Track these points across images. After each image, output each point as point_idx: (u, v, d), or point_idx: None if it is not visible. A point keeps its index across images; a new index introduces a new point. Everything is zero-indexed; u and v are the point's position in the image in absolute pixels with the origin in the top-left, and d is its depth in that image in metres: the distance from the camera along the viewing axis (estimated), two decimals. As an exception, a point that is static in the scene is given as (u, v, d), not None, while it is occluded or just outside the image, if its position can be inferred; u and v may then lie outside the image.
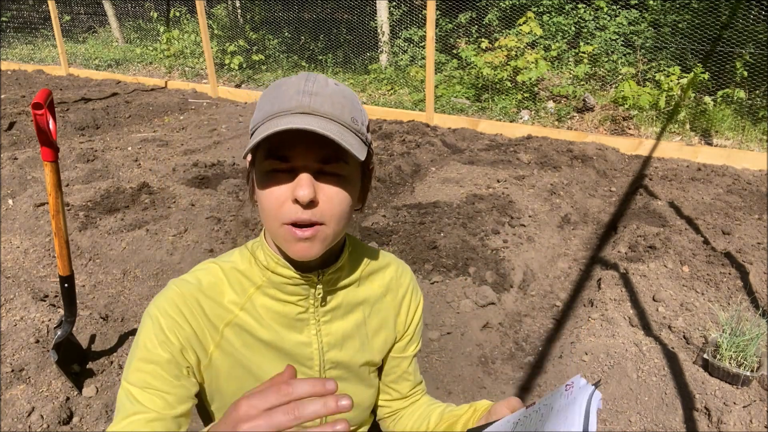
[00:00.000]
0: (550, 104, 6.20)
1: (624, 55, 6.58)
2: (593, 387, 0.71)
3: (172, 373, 0.83)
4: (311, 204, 0.77)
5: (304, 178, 0.76)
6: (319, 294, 0.90)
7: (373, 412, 1.12)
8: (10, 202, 3.90)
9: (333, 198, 0.79)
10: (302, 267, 0.87)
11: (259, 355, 0.89)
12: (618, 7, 6.69)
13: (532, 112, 6.12)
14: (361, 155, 0.77)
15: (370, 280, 0.99)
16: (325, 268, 0.89)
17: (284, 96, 0.77)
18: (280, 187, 0.78)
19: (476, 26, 7.64)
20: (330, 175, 0.79)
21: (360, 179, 0.86)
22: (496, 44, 6.53)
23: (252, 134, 0.80)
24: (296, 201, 0.77)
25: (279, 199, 0.78)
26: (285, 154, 0.77)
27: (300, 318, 0.91)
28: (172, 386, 0.83)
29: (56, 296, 2.83)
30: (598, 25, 6.76)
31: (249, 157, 0.85)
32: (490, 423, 0.90)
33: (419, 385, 1.13)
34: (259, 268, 0.89)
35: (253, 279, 0.89)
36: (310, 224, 0.78)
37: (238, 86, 8.07)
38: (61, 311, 2.59)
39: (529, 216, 3.63)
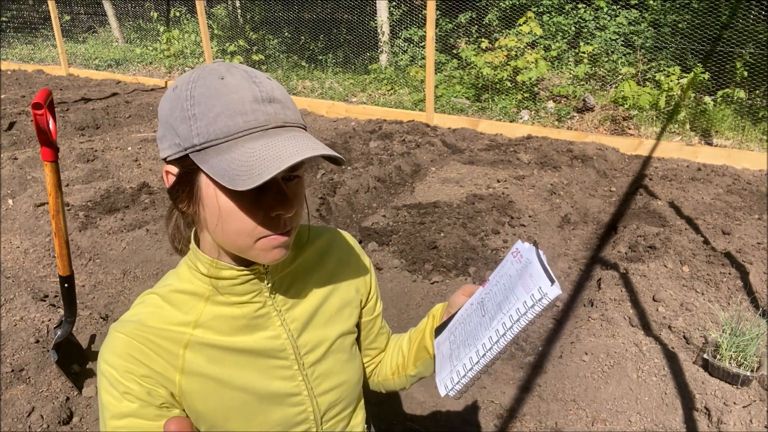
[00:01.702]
0: (550, 104, 6.20)
1: (624, 55, 6.59)
2: (533, 246, 0.78)
3: (150, 416, 0.79)
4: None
5: (283, 192, 0.75)
6: (269, 284, 0.88)
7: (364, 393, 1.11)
8: (10, 202, 3.90)
9: (300, 202, 0.80)
10: (244, 262, 0.84)
11: (231, 364, 0.86)
12: (618, 7, 6.70)
13: (532, 112, 6.12)
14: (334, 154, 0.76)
15: (313, 253, 0.98)
16: None
17: (242, 106, 0.71)
18: (250, 203, 0.75)
19: (476, 26, 7.64)
20: (292, 180, 0.78)
21: None
22: (496, 44, 6.54)
23: (203, 149, 0.72)
24: (277, 215, 0.75)
25: (254, 216, 0.75)
26: None
27: (260, 314, 0.88)
28: (157, 428, 0.79)
29: (56, 296, 2.83)
30: (598, 25, 6.77)
31: (172, 164, 0.77)
32: (454, 315, 0.93)
33: (389, 335, 1.17)
34: (202, 281, 0.85)
35: (199, 293, 0.85)
36: (286, 231, 0.78)
37: (238, 86, 8.07)
38: (61, 311, 2.60)
39: (529, 216, 3.63)
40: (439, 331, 0.95)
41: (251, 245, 0.78)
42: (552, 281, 0.71)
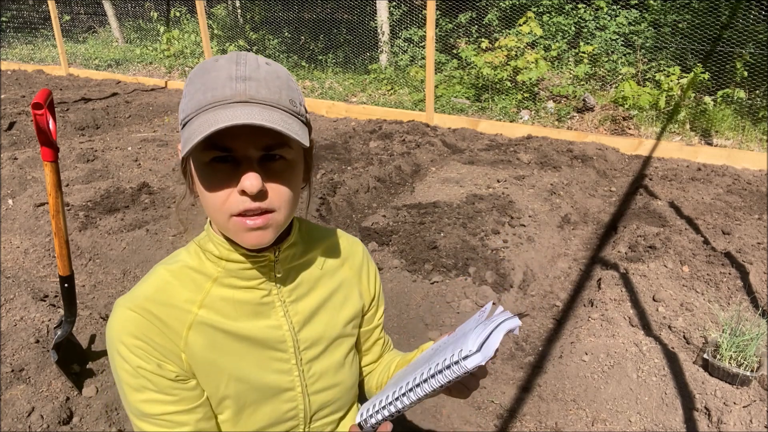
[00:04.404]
0: (550, 104, 6.20)
1: (624, 55, 6.58)
2: (512, 315, 0.73)
3: (167, 391, 0.81)
4: (260, 194, 0.75)
5: (250, 168, 0.74)
6: (278, 273, 0.88)
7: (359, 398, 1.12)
8: (10, 202, 3.90)
9: (280, 184, 0.78)
10: (255, 248, 0.85)
11: (230, 351, 0.86)
12: (618, 7, 6.70)
13: (532, 112, 6.12)
14: (305, 140, 0.75)
15: (324, 252, 0.99)
16: (278, 244, 0.88)
17: (216, 82, 0.73)
18: (223, 179, 0.76)
19: (476, 26, 7.64)
20: (274, 161, 0.77)
21: (303, 159, 0.85)
22: (496, 44, 6.54)
23: (184, 125, 0.76)
24: (243, 192, 0.75)
25: (224, 192, 0.76)
26: (226, 144, 0.74)
27: (265, 302, 0.88)
28: (174, 404, 0.81)
29: (56, 296, 2.83)
30: (598, 25, 6.77)
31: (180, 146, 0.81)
32: None
33: (387, 344, 1.16)
34: (212, 261, 0.86)
35: (208, 273, 0.86)
36: (261, 213, 0.77)
37: (238, 86, 8.06)
38: (61, 311, 2.59)
39: (529, 216, 3.62)
40: None
41: (226, 223, 0.78)
42: (479, 350, 0.67)
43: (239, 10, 10.26)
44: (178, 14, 10.10)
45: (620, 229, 3.58)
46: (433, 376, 0.71)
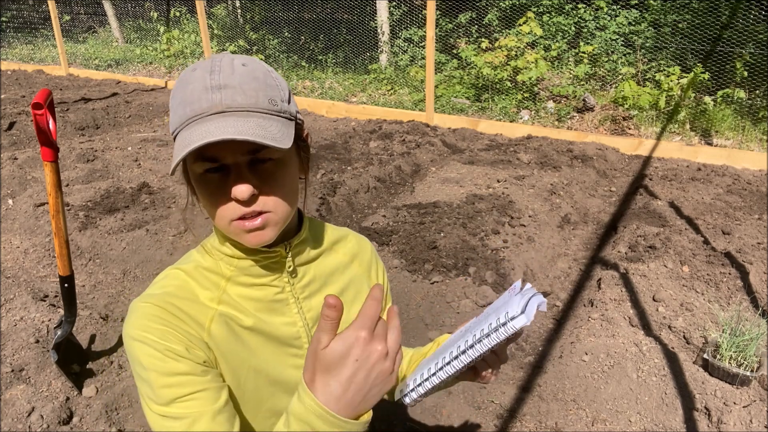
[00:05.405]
0: (550, 104, 6.20)
1: (624, 55, 6.58)
2: (537, 292, 0.79)
3: (197, 371, 0.80)
4: (252, 198, 0.77)
5: (240, 175, 0.76)
6: (289, 267, 0.90)
7: None
8: (10, 202, 3.90)
9: (272, 184, 0.79)
10: (259, 246, 0.86)
11: (249, 345, 0.88)
12: (618, 7, 6.70)
13: (532, 112, 6.12)
14: (287, 140, 0.75)
15: (334, 249, 1.01)
16: (289, 240, 0.89)
17: (192, 95, 0.74)
18: (217, 188, 0.78)
19: (476, 26, 7.64)
20: (264, 162, 0.78)
21: (297, 153, 0.86)
22: (496, 44, 6.54)
23: (174, 138, 0.78)
24: (237, 199, 0.76)
25: (220, 200, 0.78)
26: (214, 155, 0.76)
27: (278, 299, 0.90)
28: (204, 383, 0.80)
29: (56, 296, 2.83)
30: (598, 25, 6.77)
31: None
32: None
33: None
34: (225, 261, 0.88)
35: (222, 272, 0.88)
36: (257, 214, 0.78)
37: (238, 86, 8.05)
38: (61, 311, 2.60)
39: (529, 216, 3.62)
40: None
41: (227, 227, 0.80)
42: (523, 312, 0.71)
43: (239, 10, 10.26)
44: (178, 14, 10.10)
45: (620, 229, 3.58)
46: (480, 340, 0.75)
